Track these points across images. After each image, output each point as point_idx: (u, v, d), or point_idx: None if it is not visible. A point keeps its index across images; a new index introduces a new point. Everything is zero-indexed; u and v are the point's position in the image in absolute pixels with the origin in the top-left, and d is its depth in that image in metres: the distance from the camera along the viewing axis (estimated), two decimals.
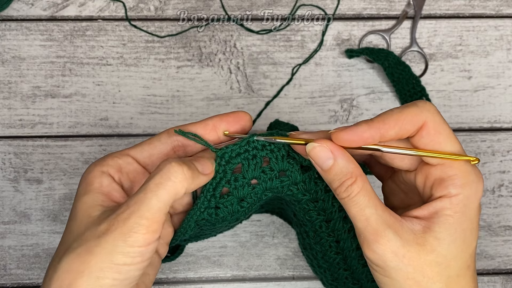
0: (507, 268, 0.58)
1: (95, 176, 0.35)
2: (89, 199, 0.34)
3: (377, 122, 0.33)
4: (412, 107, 0.33)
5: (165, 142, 0.36)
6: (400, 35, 0.60)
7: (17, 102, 0.58)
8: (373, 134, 0.33)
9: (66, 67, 0.59)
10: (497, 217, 0.58)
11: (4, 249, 0.56)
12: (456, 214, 0.33)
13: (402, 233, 0.33)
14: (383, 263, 0.33)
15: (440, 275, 0.33)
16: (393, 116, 0.33)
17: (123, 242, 0.31)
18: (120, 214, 0.31)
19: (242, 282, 0.57)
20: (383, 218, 0.33)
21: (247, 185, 0.36)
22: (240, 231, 0.57)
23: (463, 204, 0.33)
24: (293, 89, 0.59)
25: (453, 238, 0.33)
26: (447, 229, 0.33)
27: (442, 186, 0.33)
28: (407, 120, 0.33)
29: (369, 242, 0.33)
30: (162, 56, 0.59)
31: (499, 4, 0.61)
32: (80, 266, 0.31)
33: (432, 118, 0.33)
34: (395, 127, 0.33)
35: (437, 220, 0.33)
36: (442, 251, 0.33)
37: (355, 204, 0.34)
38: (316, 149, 0.34)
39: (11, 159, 0.57)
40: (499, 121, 0.59)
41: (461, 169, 0.33)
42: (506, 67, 0.60)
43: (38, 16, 0.59)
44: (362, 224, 0.33)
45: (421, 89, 0.58)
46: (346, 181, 0.34)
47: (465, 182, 0.33)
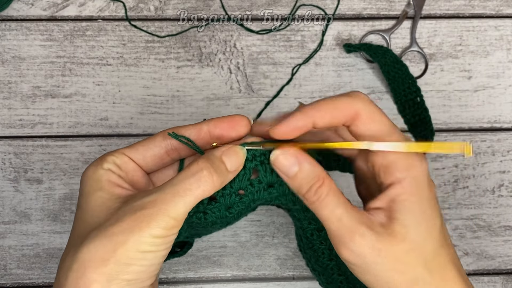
0: (507, 268, 0.58)
1: (102, 174, 0.35)
2: (104, 194, 0.34)
3: (310, 110, 0.34)
4: (345, 96, 0.34)
5: (159, 145, 0.36)
6: (400, 35, 0.60)
7: (17, 102, 0.58)
8: (307, 122, 0.33)
9: (66, 67, 0.59)
10: (497, 217, 0.58)
11: (4, 249, 0.57)
12: (411, 197, 0.33)
13: (374, 227, 0.33)
14: (362, 261, 0.33)
15: (417, 259, 0.33)
16: (326, 105, 0.34)
17: (149, 234, 0.31)
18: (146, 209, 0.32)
19: (242, 282, 0.57)
20: (354, 216, 0.33)
21: (234, 194, 0.36)
22: (240, 231, 0.57)
23: (413, 186, 0.33)
24: (293, 89, 0.59)
25: (417, 221, 0.33)
26: (408, 214, 0.33)
27: (388, 173, 0.34)
28: (340, 109, 0.34)
29: (345, 241, 0.33)
30: (162, 56, 0.59)
31: (499, 4, 0.61)
32: (105, 254, 0.31)
33: (365, 107, 0.34)
34: (327, 115, 0.33)
35: (396, 207, 0.33)
36: (411, 237, 0.33)
37: (325, 206, 0.34)
38: (280, 158, 0.34)
39: (11, 159, 0.57)
40: (499, 121, 0.59)
41: (398, 155, 0.34)
42: (506, 67, 0.60)
43: (38, 16, 0.59)
44: (335, 225, 0.33)
45: (416, 90, 0.57)
46: (314, 184, 0.34)
47: (408, 163, 0.33)
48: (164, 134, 0.36)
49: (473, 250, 0.58)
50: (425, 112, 0.58)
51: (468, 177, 0.58)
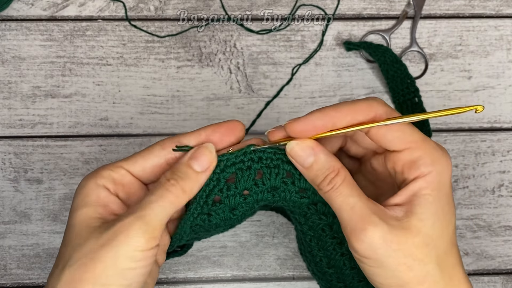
0: (507, 268, 0.58)
1: (91, 189, 0.35)
2: (88, 211, 0.34)
3: (330, 110, 0.34)
4: (362, 102, 0.34)
5: (158, 155, 0.36)
6: (400, 35, 0.60)
7: (17, 102, 0.58)
8: (326, 122, 0.34)
9: (66, 67, 0.59)
10: (497, 217, 0.58)
11: (4, 249, 0.57)
12: (433, 192, 0.33)
13: (388, 220, 0.33)
14: (373, 252, 0.33)
15: (430, 256, 0.33)
16: (346, 107, 0.34)
17: (127, 246, 0.31)
18: (123, 220, 0.32)
19: (242, 282, 0.57)
20: (368, 206, 0.33)
21: (238, 195, 0.36)
22: (240, 231, 0.57)
23: (437, 181, 0.34)
24: (293, 89, 0.59)
25: (435, 217, 0.33)
26: (428, 209, 0.33)
27: (413, 168, 0.34)
28: (359, 111, 0.34)
29: (356, 231, 0.33)
30: (162, 56, 0.59)
31: (499, 4, 0.61)
32: (84, 274, 0.31)
33: (383, 109, 0.34)
34: (347, 116, 0.34)
35: (417, 201, 0.33)
36: (427, 232, 0.33)
37: (339, 194, 0.34)
38: (296, 148, 0.35)
39: (11, 159, 0.57)
40: (499, 121, 0.59)
41: (427, 149, 0.34)
42: (506, 67, 0.60)
43: (38, 16, 0.59)
44: (348, 213, 0.34)
45: (415, 90, 0.57)
46: (329, 174, 0.34)
47: (433, 159, 0.34)
48: (163, 144, 0.36)
49: (473, 250, 0.58)
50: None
51: (468, 177, 0.58)
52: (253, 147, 0.36)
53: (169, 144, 0.36)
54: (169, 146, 0.36)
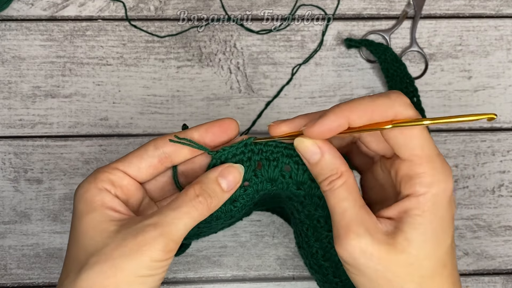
0: (508, 268, 0.58)
1: (94, 194, 0.35)
2: (97, 216, 0.34)
3: (345, 111, 0.32)
4: (384, 98, 0.32)
5: (152, 154, 0.36)
6: (400, 35, 0.60)
7: (17, 102, 0.58)
8: (342, 123, 0.33)
9: (66, 67, 0.59)
10: (497, 217, 0.58)
11: (5, 249, 0.57)
12: (424, 214, 0.32)
13: (374, 232, 0.33)
14: (353, 261, 0.33)
15: (412, 275, 0.33)
16: (363, 106, 0.32)
17: (150, 258, 0.32)
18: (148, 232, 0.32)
19: (242, 282, 0.57)
20: (358, 215, 0.33)
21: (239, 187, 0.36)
22: (240, 231, 0.57)
23: (431, 203, 0.32)
24: (293, 89, 0.59)
25: (423, 238, 0.33)
26: (416, 229, 0.32)
27: (409, 184, 0.33)
28: (377, 112, 0.32)
29: (340, 236, 0.33)
30: (162, 56, 0.59)
31: (499, 4, 0.61)
32: (105, 280, 0.32)
33: (404, 112, 0.32)
34: (364, 117, 0.32)
35: (406, 220, 0.33)
36: (412, 252, 0.32)
37: (335, 196, 0.34)
38: (304, 144, 0.34)
39: (11, 159, 0.57)
40: (499, 121, 0.59)
41: (429, 167, 0.32)
42: (506, 67, 0.60)
43: (38, 16, 0.59)
44: (338, 216, 0.34)
45: (414, 90, 0.57)
46: (331, 176, 0.34)
47: (432, 180, 0.32)
48: (156, 143, 0.36)
49: (473, 250, 0.58)
50: (421, 112, 0.58)
51: (468, 177, 0.58)
52: (254, 139, 0.36)
53: (162, 144, 0.36)
54: (162, 146, 0.36)
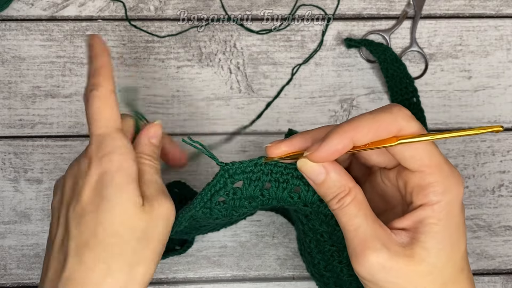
0: (508, 268, 0.58)
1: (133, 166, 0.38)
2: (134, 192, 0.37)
3: (349, 131, 0.32)
4: (386, 113, 0.32)
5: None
6: (400, 35, 0.60)
7: (17, 102, 0.58)
8: (346, 144, 0.32)
9: (66, 67, 0.59)
10: (497, 217, 0.58)
11: (4, 249, 0.57)
12: (440, 222, 0.32)
13: (391, 245, 0.32)
14: (372, 277, 0.33)
15: (434, 284, 0.33)
16: (366, 123, 0.32)
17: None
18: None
19: (242, 282, 0.57)
20: (372, 229, 0.33)
21: (244, 199, 0.36)
22: (240, 231, 0.57)
23: (446, 211, 0.32)
24: (293, 89, 0.59)
25: (441, 246, 0.32)
26: (433, 238, 0.32)
27: (422, 194, 0.32)
28: (382, 128, 0.32)
29: (357, 254, 0.33)
30: (162, 56, 0.59)
31: (499, 4, 0.61)
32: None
33: (408, 125, 0.32)
34: (368, 135, 0.32)
35: (422, 229, 0.32)
36: (431, 261, 0.32)
37: (345, 214, 0.33)
38: (308, 164, 0.34)
39: (11, 159, 0.57)
40: (499, 121, 0.59)
41: (440, 175, 0.32)
42: (506, 67, 0.60)
43: (38, 16, 0.59)
44: (351, 234, 0.33)
45: (413, 90, 0.57)
46: (339, 194, 0.33)
47: (445, 188, 0.32)
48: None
49: (473, 250, 0.58)
50: (421, 112, 0.58)
51: (468, 177, 0.58)
52: (264, 160, 0.36)
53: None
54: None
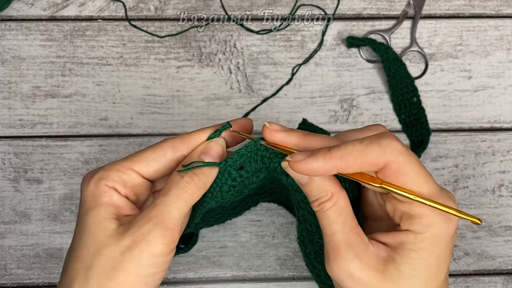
0: (508, 269, 0.58)
1: (103, 191, 0.35)
2: (101, 212, 0.34)
3: (335, 158, 0.31)
4: (374, 146, 0.31)
5: (170, 158, 0.36)
6: (400, 35, 0.60)
7: (17, 102, 0.58)
8: (329, 169, 0.32)
9: (66, 67, 0.59)
10: (498, 217, 0.58)
11: (4, 249, 0.56)
12: (420, 250, 0.32)
13: (364, 257, 0.32)
14: (340, 282, 0.33)
15: None
16: (353, 155, 0.31)
17: (149, 254, 0.32)
18: (142, 226, 0.32)
19: (242, 282, 0.57)
20: (348, 238, 0.33)
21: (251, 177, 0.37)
22: (240, 231, 0.57)
23: (429, 242, 0.32)
24: (293, 89, 0.59)
25: (415, 273, 0.32)
26: (409, 263, 0.32)
27: (408, 222, 0.32)
28: (367, 161, 0.31)
29: (329, 258, 0.33)
30: (162, 56, 0.59)
31: (499, 4, 0.61)
32: (110, 283, 0.32)
33: (396, 159, 0.31)
34: (354, 166, 0.32)
35: (400, 252, 0.32)
36: (402, 283, 0.32)
37: (325, 217, 0.34)
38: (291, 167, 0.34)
39: (11, 159, 0.57)
40: (499, 121, 0.59)
41: (426, 211, 0.32)
42: (506, 67, 0.60)
43: (38, 16, 0.59)
44: (327, 238, 0.33)
45: (414, 90, 0.58)
46: (320, 198, 0.34)
47: (433, 220, 0.32)
48: (174, 146, 0.36)
49: (474, 250, 0.58)
50: (422, 112, 0.58)
51: (468, 177, 0.58)
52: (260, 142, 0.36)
53: (180, 146, 0.36)
54: (180, 147, 0.36)
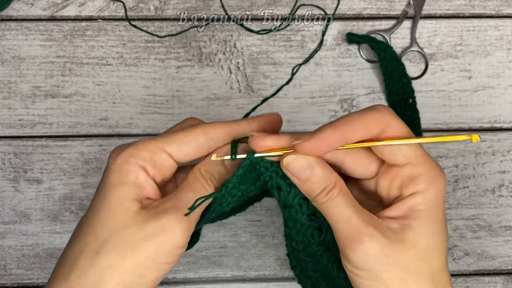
0: (508, 269, 0.58)
1: (132, 170, 0.34)
2: (125, 191, 0.34)
3: (341, 126, 0.32)
4: (373, 111, 0.33)
5: (201, 144, 0.36)
6: (400, 35, 0.60)
7: (17, 102, 0.58)
8: (338, 139, 0.32)
9: (66, 67, 0.59)
10: (498, 217, 0.58)
11: (4, 249, 0.56)
12: (430, 209, 0.33)
13: (383, 231, 0.33)
14: (368, 264, 0.32)
15: (424, 271, 0.33)
16: (357, 120, 0.33)
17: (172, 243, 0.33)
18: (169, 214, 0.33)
19: (242, 282, 0.57)
20: (364, 218, 0.33)
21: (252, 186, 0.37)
22: (240, 231, 0.57)
23: (434, 199, 0.33)
24: (293, 89, 0.59)
25: (431, 231, 0.33)
26: (424, 222, 0.33)
27: (412, 184, 0.33)
28: (372, 123, 0.33)
29: (353, 242, 0.32)
30: (162, 56, 0.59)
31: (499, 4, 0.61)
32: (123, 262, 0.32)
33: (394, 121, 0.33)
34: (360, 131, 0.33)
35: (412, 215, 0.33)
36: (423, 246, 0.33)
37: (335, 206, 0.33)
38: (293, 163, 0.34)
39: (11, 159, 0.57)
40: (499, 121, 0.59)
41: (427, 166, 0.34)
42: (506, 67, 0.60)
43: (38, 16, 0.59)
44: (344, 225, 0.33)
45: (410, 91, 0.58)
46: (326, 187, 0.33)
47: (433, 177, 0.33)
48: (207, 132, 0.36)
49: (474, 250, 0.58)
50: (416, 114, 0.58)
51: (468, 177, 0.58)
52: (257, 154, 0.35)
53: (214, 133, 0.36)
54: (214, 135, 0.36)
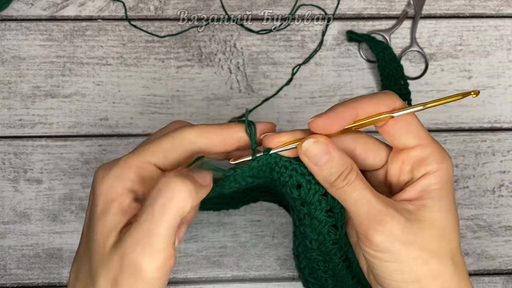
0: (508, 269, 0.58)
1: (118, 193, 0.32)
2: (110, 222, 0.32)
3: (352, 103, 0.34)
4: (382, 93, 0.35)
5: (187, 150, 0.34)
6: (400, 35, 0.60)
7: (17, 102, 0.58)
8: (351, 113, 0.33)
9: (66, 67, 0.59)
10: (498, 217, 0.58)
11: (4, 249, 0.56)
12: (443, 187, 0.34)
13: (402, 212, 0.33)
14: (390, 246, 0.32)
15: (444, 249, 0.34)
16: (367, 98, 0.34)
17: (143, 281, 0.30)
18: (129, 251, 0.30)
19: (242, 282, 0.57)
20: (382, 200, 0.33)
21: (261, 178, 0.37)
22: (240, 231, 0.57)
23: (446, 178, 0.34)
24: (293, 89, 0.59)
25: (446, 209, 0.34)
26: (440, 202, 0.34)
27: (423, 165, 0.34)
28: (382, 102, 0.34)
29: (376, 223, 0.32)
30: (162, 56, 0.59)
31: (499, 4, 0.61)
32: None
33: (399, 101, 0.35)
34: (370, 106, 0.34)
35: (427, 195, 0.34)
36: (441, 224, 0.33)
37: (353, 189, 0.33)
38: (311, 148, 0.33)
39: (11, 159, 0.57)
40: (499, 121, 0.59)
41: (435, 147, 0.35)
42: (506, 67, 0.60)
43: (38, 16, 0.59)
44: (365, 207, 0.33)
45: (407, 93, 0.58)
46: (344, 171, 0.34)
47: (442, 156, 0.35)
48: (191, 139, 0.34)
49: (474, 250, 0.58)
50: None
51: (468, 177, 0.58)
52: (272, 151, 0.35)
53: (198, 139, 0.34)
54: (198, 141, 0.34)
